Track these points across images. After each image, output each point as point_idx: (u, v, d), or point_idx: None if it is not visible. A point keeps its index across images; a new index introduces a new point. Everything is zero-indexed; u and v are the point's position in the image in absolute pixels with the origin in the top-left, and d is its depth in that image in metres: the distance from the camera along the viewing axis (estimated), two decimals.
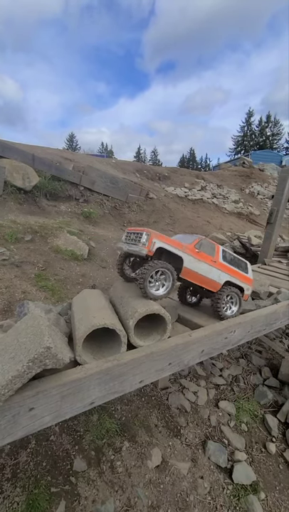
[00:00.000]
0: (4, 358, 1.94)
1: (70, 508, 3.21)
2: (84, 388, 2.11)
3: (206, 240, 3.16)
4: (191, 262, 2.95)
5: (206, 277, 3.07)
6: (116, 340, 2.52)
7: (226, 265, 3.22)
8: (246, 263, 3.53)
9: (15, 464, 3.38)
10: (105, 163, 16.20)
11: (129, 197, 13.10)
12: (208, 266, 3.05)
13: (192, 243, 3.05)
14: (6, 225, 7.25)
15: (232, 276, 3.26)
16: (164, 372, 2.63)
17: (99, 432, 4.01)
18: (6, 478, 3.25)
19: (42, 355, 1.80)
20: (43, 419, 1.95)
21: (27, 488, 3.22)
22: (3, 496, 3.10)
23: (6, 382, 1.70)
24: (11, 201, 8.56)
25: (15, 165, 8.80)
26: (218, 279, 3.14)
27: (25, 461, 3.45)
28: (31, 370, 1.78)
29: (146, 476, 3.75)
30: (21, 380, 1.76)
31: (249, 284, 3.46)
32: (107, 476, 3.60)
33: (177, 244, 2.92)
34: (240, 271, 3.37)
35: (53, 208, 9.86)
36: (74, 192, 11.34)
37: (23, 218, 8.05)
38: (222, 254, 3.23)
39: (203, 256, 3.04)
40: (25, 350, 1.87)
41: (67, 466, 3.55)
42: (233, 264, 3.33)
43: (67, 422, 4.01)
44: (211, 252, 3.13)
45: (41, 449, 3.61)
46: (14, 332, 2.21)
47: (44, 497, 3.19)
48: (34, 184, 9.18)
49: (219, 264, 3.15)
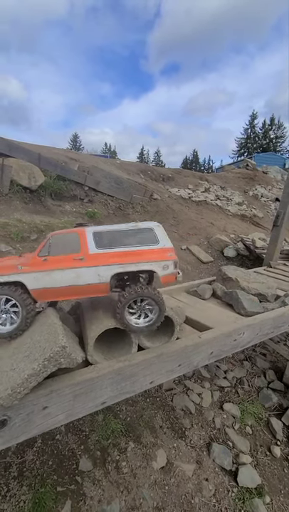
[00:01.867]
0: (18, 356, 1.95)
1: (75, 507, 3.22)
2: (96, 388, 2.12)
3: (58, 236, 2.27)
4: (39, 279, 2.17)
5: (75, 286, 2.21)
6: (126, 340, 2.52)
7: (106, 253, 2.25)
8: (150, 228, 2.37)
9: (21, 462, 3.39)
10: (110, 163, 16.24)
11: (133, 197, 13.12)
12: (70, 271, 2.19)
13: (35, 252, 2.26)
14: (12, 224, 7.28)
15: (124, 264, 2.24)
16: (174, 373, 2.63)
17: (104, 432, 4.01)
18: (12, 476, 3.26)
19: (57, 354, 1.81)
20: (56, 417, 1.96)
21: (33, 486, 3.23)
22: (10, 494, 3.11)
23: (21, 381, 1.71)
24: (17, 200, 8.60)
25: (21, 164, 8.85)
26: (98, 279, 2.22)
27: (31, 460, 3.45)
28: (46, 369, 1.79)
29: (152, 477, 3.75)
30: (37, 378, 1.77)
31: (164, 258, 2.30)
32: (112, 477, 3.60)
33: (6, 269, 2.18)
34: (141, 246, 2.30)
35: (58, 208, 9.89)
36: (79, 192, 11.37)
37: (29, 217, 8.08)
38: (94, 240, 2.26)
39: (55, 262, 2.19)
40: (40, 349, 1.88)
41: (73, 466, 3.56)
42: (124, 242, 2.29)
43: (73, 421, 4.01)
44: (71, 248, 2.24)
45: (47, 447, 3.62)
46: (28, 331, 2.22)
47: (50, 496, 3.19)
48: (40, 184, 9.21)
49: (91, 257, 2.22)
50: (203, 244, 11.78)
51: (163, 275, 2.31)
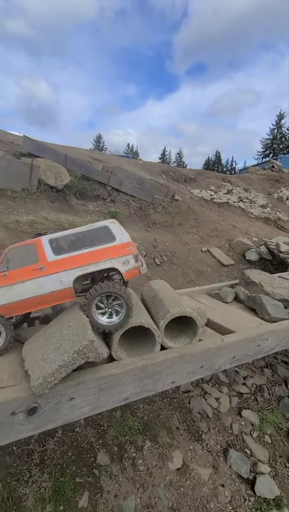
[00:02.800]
0: (49, 347, 2.05)
1: (93, 499, 3.30)
2: (120, 383, 2.18)
3: (14, 249, 2.33)
4: (2, 295, 2.21)
5: (39, 295, 2.24)
6: (149, 339, 2.56)
7: (66, 258, 2.28)
8: (104, 227, 2.42)
9: (43, 450, 3.53)
10: (132, 164, 16.40)
11: (154, 198, 13.16)
12: (32, 282, 2.22)
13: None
14: (38, 222, 7.57)
15: (84, 266, 2.27)
16: (196, 375, 2.63)
17: (122, 428, 4.07)
18: (34, 463, 3.40)
19: (86, 347, 1.88)
20: (82, 409, 2.03)
21: (53, 475, 3.35)
22: (32, 480, 3.25)
23: (52, 371, 1.80)
24: (44, 199, 8.93)
25: (49, 164, 9.17)
26: (61, 285, 2.26)
27: (52, 449, 3.58)
28: (75, 362, 1.87)
29: (167, 478, 3.75)
30: (66, 370, 1.85)
31: (123, 253, 2.32)
32: (128, 473, 3.65)
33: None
34: (99, 245, 2.34)
35: (81, 207, 10.14)
36: (102, 192, 11.58)
37: (55, 215, 8.36)
38: (51, 247, 2.32)
39: (16, 275, 2.22)
40: (69, 342, 1.97)
41: (91, 459, 3.65)
42: (81, 245, 2.34)
43: (92, 415, 4.11)
44: (29, 259, 2.28)
45: (67, 439, 3.74)
46: (56, 324, 2.32)
47: (69, 486, 3.30)
48: (65, 183, 9.50)
49: (51, 264, 2.26)
50: (225, 246, 11.58)
51: (125, 271, 2.32)
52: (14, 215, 7.62)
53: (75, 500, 3.24)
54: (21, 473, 3.27)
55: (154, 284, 3.45)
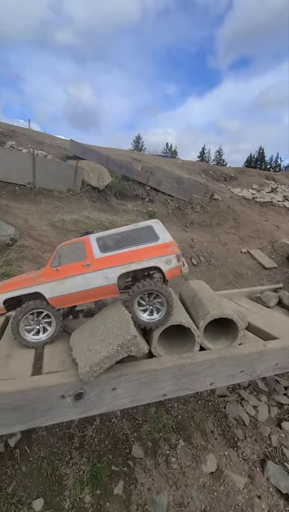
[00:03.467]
0: (94, 339, 2.19)
1: (127, 489, 3.42)
2: (159, 379, 2.23)
3: (65, 246, 2.50)
4: (54, 288, 2.39)
5: (87, 290, 2.39)
6: (188, 339, 2.57)
7: (111, 255, 2.41)
8: (148, 226, 2.51)
9: (82, 436, 3.75)
10: (171, 163, 16.36)
11: (193, 197, 12.99)
12: (80, 277, 2.37)
13: (48, 264, 2.49)
14: (81, 221, 7.99)
15: (128, 264, 2.36)
16: (235, 379, 2.58)
17: (156, 424, 4.14)
18: (74, 446, 3.63)
19: (129, 341, 1.98)
20: (123, 400, 2.13)
21: (91, 460, 3.55)
22: (72, 462, 3.48)
23: (98, 361, 1.93)
24: (86, 199, 9.39)
25: (92, 166, 9.61)
26: (106, 281, 2.38)
27: (90, 436, 3.79)
28: (119, 354, 1.98)
29: (200, 480, 3.73)
30: (110, 361, 1.96)
31: (165, 253, 2.39)
32: (162, 469, 3.71)
33: (24, 282, 2.45)
34: (142, 245, 2.42)
35: (121, 207, 10.44)
36: (140, 191, 11.78)
37: (96, 215, 8.74)
38: (98, 245, 2.46)
39: (67, 270, 2.40)
40: (113, 335, 2.08)
41: (126, 450, 3.78)
42: (125, 244, 2.44)
43: (128, 408, 4.25)
44: (78, 256, 2.44)
45: (104, 428, 3.92)
46: (101, 318, 2.46)
47: (105, 472, 3.46)
48: (107, 184, 9.86)
49: (97, 262, 2.40)
50: (267, 248, 10.98)
51: (167, 270, 2.38)
52: (60, 214, 8.15)
53: (110, 487, 3.39)
54: (63, 454, 3.52)
55: (193, 284, 3.45)
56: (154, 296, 2.37)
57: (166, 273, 2.39)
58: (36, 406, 1.87)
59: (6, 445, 3.37)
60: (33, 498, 3.12)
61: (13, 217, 6.95)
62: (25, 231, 6.69)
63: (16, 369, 2.09)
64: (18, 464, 3.30)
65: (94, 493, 3.30)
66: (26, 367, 2.14)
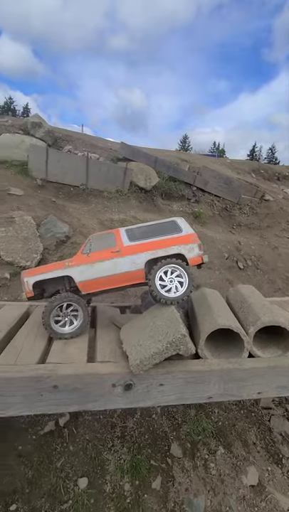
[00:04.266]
0: (143, 335, 2.29)
1: (165, 485, 3.48)
2: (205, 381, 2.24)
3: (96, 236, 2.77)
4: (84, 272, 2.55)
5: (116, 274, 2.55)
6: (236, 344, 2.52)
7: (139, 244, 2.60)
8: (173, 221, 2.80)
9: (124, 426, 3.92)
10: (220, 163, 15.89)
11: (241, 198, 12.44)
12: (110, 262, 2.54)
13: (79, 251, 2.69)
14: (128, 220, 8.27)
15: (155, 251, 2.56)
16: (287, 391, 2.45)
17: (195, 427, 4.12)
18: (116, 435, 3.82)
19: (178, 340, 2.03)
20: (169, 396, 2.20)
21: (132, 451, 3.69)
22: (114, 449, 3.67)
23: (148, 356, 2.02)
24: (133, 199, 9.67)
25: (140, 167, 9.87)
26: (134, 266, 2.55)
27: (131, 428, 3.95)
28: (168, 351, 2.04)
29: (240, 491, 3.61)
30: (159, 357, 2.04)
31: (188, 242, 2.62)
32: (200, 472, 3.68)
33: (56, 266, 2.63)
34: (168, 235, 2.64)
35: (166, 207, 10.51)
36: (187, 192, 11.69)
37: (142, 215, 8.96)
38: (126, 235, 2.69)
39: (97, 256, 2.57)
40: (162, 333, 2.15)
41: (165, 447, 3.84)
42: (152, 235, 2.66)
43: (167, 407, 4.30)
44: (108, 244, 2.64)
45: (144, 422, 4.04)
46: (150, 315, 2.56)
47: (144, 465, 3.57)
48: (153, 184, 10.03)
49: (126, 249, 2.58)
50: None
51: (190, 257, 2.58)
52: (108, 213, 8.55)
53: (149, 480, 3.49)
54: (106, 441, 3.73)
55: (242, 288, 3.35)
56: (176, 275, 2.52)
57: (190, 260, 2.58)
58: (90, 390, 2.04)
59: (56, 424, 3.70)
60: (78, 476, 3.38)
61: (68, 216, 7.51)
62: (78, 229, 7.18)
63: (73, 355, 2.30)
64: (66, 443, 3.60)
65: (133, 483, 3.44)
66: (82, 354, 2.34)
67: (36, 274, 2.61)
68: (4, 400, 1.91)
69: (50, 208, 7.55)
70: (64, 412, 2.10)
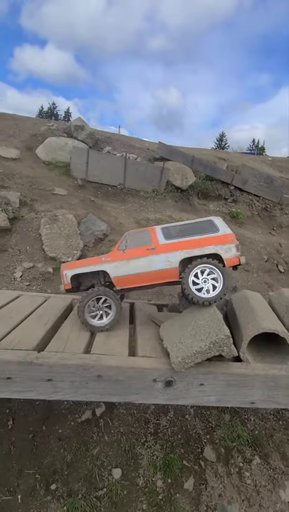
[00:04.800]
0: (184, 333, 2.29)
1: (197, 487, 3.44)
2: (248, 385, 2.18)
3: (132, 233, 2.78)
4: (119, 267, 2.59)
5: (150, 272, 2.56)
6: (283, 350, 2.40)
7: (175, 242, 2.58)
8: (210, 220, 2.73)
9: (157, 423, 3.95)
10: (260, 161, 15.16)
11: (283, 198, 11.74)
12: (145, 259, 2.55)
13: (115, 247, 2.72)
14: (164, 220, 8.28)
15: (190, 250, 2.53)
16: None
17: (230, 433, 4.00)
18: (149, 431, 3.87)
19: (222, 341, 2.00)
20: (209, 397, 2.17)
21: (164, 448, 3.71)
22: (147, 445, 3.72)
23: (190, 354, 2.02)
24: (169, 199, 9.66)
25: (177, 166, 9.83)
26: (168, 265, 2.54)
27: (164, 426, 3.96)
28: (211, 351, 2.02)
29: (278, 506, 3.43)
30: (202, 356, 2.03)
31: (226, 242, 2.54)
32: (234, 480, 3.58)
33: (93, 261, 2.71)
34: (204, 235, 2.59)
35: (202, 207, 10.33)
36: (224, 191, 11.36)
37: (178, 214, 8.91)
38: (162, 233, 2.67)
39: (132, 252, 2.59)
40: (205, 332, 2.13)
41: (198, 449, 3.79)
42: (188, 233, 2.63)
43: (201, 409, 4.24)
44: (144, 241, 2.65)
45: (178, 421, 4.03)
46: (190, 314, 2.55)
47: (177, 465, 3.57)
48: (190, 184, 9.92)
49: (161, 247, 2.58)
50: None
51: (227, 257, 2.50)
52: (145, 212, 8.65)
53: (181, 480, 3.48)
54: (139, 435, 3.79)
55: (286, 291, 3.18)
56: (208, 273, 2.47)
57: (226, 260, 2.51)
58: (132, 383, 2.10)
59: (93, 413, 3.86)
60: (112, 466, 3.49)
61: (106, 215, 7.76)
62: (115, 228, 7.38)
63: (115, 348, 2.38)
64: (101, 433, 3.74)
65: (165, 481, 3.46)
66: (123, 347, 2.42)
67: (75, 268, 2.73)
68: (54, 384, 2.05)
69: (90, 206, 7.86)
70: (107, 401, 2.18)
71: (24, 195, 6.96)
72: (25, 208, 6.70)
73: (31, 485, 3.21)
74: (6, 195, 6.52)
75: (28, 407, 3.69)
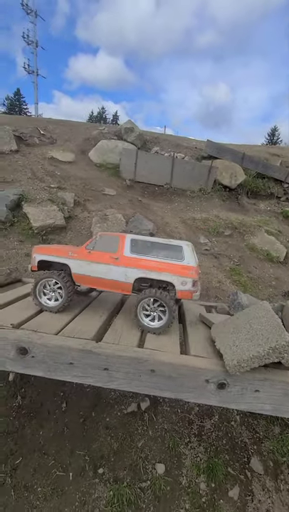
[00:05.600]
0: (239, 336, 2.23)
1: (242, 498, 3.32)
2: None
3: (103, 236, 2.77)
4: (82, 266, 2.70)
5: (106, 279, 2.62)
6: None
7: (137, 258, 2.59)
8: (180, 246, 2.63)
9: (201, 426, 3.91)
10: None
11: None
12: (105, 266, 2.62)
13: (84, 245, 2.79)
14: (210, 219, 8.10)
15: (148, 271, 2.52)
16: None
17: (280, 446, 3.77)
18: (193, 433, 3.85)
19: (282, 347, 1.90)
20: (264, 405, 2.09)
21: (208, 452, 3.65)
22: (191, 445, 3.71)
23: (246, 358, 1.96)
24: (216, 198, 9.39)
25: (226, 164, 9.50)
26: (124, 278, 2.58)
27: (208, 429, 3.90)
28: (269, 357, 1.94)
29: None
30: (259, 362, 1.95)
31: (184, 274, 2.49)
32: (283, 497, 3.36)
33: (60, 252, 2.83)
34: (167, 259, 2.56)
35: (252, 206, 9.82)
36: (276, 190, 10.64)
37: (225, 214, 8.62)
38: (130, 245, 2.65)
39: (97, 256, 2.67)
40: (262, 337, 2.05)
41: (244, 459, 3.65)
42: (153, 253, 2.60)
43: (248, 417, 4.07)
44: (111, 248, 2.67)
45: (222, 427, 3.93)
46: (245, 317, 2.47)
47: (221, 470, 3.49)
48: (239, 182, 9.51)
49: (124, 258, 2.60)
50: None
51: (180, 290, 2.50)
52: (191, 212, 8.56)
53: (225, 486, 3.39)
54: (183, 435, 3.80)
55: None
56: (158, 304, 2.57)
57: (178, 292, 2.52)
58: (184, 381, 2.12)
59: (138, 407, 3.98)
60: (156, 460, 3.56)
61: (152, 214, 7.87)
62: (161, 227, 7.45)
63: (167, 344, 2.43)
64: (146, 427, 3.83)
65: (209, 484, 3.41)
66: (174, 344, 2.45)
67: (43, 254, 2.89)
68: (110, 373, 2.18)
69: (137, 206, 8.06)
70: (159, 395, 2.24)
71: (78, 195, 7.44)
72: (78, 207, 7.16)
73: (81, 465, 3.45)
74: (63, 196, 7.05)
75: (80, 393, 3.97)
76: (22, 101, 43.14)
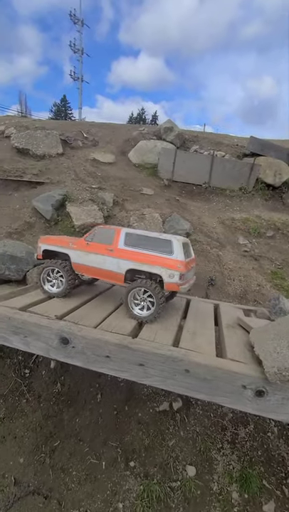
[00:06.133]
0: (281, 342, 2.11)
1: None
2: None
3: (101, 229, 3.03)
4: (80, 256, 2.97)
5: (101, 269, 2.87)
6: None
7: (130, 250, 2.76)
8: (169, 241, 2.71)
9: (234, 433, 3.78)
10: None
11: None
12: (100, 256, 2.86)
13: (84, 236, 3.06)
14: (251, 220, 7.73)
15: (139, 263, 2.69)
16: None
17: None
18: (226, 439, 3.73)
19: None
20: None
21: (242, 461, 3.52)
22: (223, 452, 3.61)
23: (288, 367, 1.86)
24: (258, 197, 8.92)
25: (269, 162, 8.97)
26: (118, 269, 2.79)
27: (242, 438, 3.75)
28: None
29: None
30: None
31: (172, 267, 2.59)
32: None
33: (62, 242, 3.13)
34: (158, 253, 2.68)
35: None
36: None
37: (267, 214, 8.15)
38: (124, 238, 2.83)
39: (94, 247, 2.92)
40: None
41: (282, 474, 3.44)
42: (145, 246, 2.75)
43: (287, 430, 3.82)
44: (107, 239, 2.89)
45: (258, 437, 3.75)
46: (287, 323, 2.34)
47: (255, 482, 3.34)
48: (284, 180, 8.91)
49: (118, 251, 2.80)
50: None
51: (167, 282, 2.62)
52: (230, 212, 8.26)
53: (260, 500, 3.25)
54: (215, 440, 3.71)
55: None
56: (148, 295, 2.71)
57: (166, 284, 2.64)
58: (220, 385, 2.08)
59: (170, 406, 3.99)
60: (187, 462, 3.54)
61: (189, 214, 7.77)
62: (198, 227, 7.31)
63: (202, 346, 2.40)
64: (177, 427, 3.82)
65: (242, 495, 3.29)
66: (210, 346, 2.41)
67: (47, 244, 3.21)
68: (145, 369, 2.23)
69: (174, 206, 8.02)
70: (194, 396, 2.22)
71: (117, 195, 7.65)
72: (117, 207, 7.37)
73: (113, 456, 3.58)
74: (103, 196, 7.31)
75: (114, 386, 4.10)
76: (67, 106, 45.58)
